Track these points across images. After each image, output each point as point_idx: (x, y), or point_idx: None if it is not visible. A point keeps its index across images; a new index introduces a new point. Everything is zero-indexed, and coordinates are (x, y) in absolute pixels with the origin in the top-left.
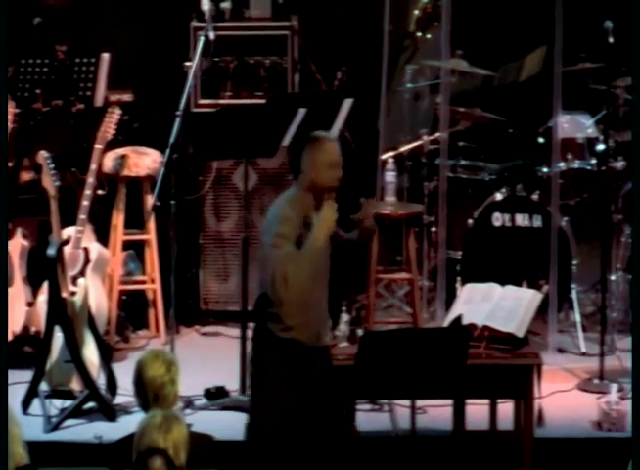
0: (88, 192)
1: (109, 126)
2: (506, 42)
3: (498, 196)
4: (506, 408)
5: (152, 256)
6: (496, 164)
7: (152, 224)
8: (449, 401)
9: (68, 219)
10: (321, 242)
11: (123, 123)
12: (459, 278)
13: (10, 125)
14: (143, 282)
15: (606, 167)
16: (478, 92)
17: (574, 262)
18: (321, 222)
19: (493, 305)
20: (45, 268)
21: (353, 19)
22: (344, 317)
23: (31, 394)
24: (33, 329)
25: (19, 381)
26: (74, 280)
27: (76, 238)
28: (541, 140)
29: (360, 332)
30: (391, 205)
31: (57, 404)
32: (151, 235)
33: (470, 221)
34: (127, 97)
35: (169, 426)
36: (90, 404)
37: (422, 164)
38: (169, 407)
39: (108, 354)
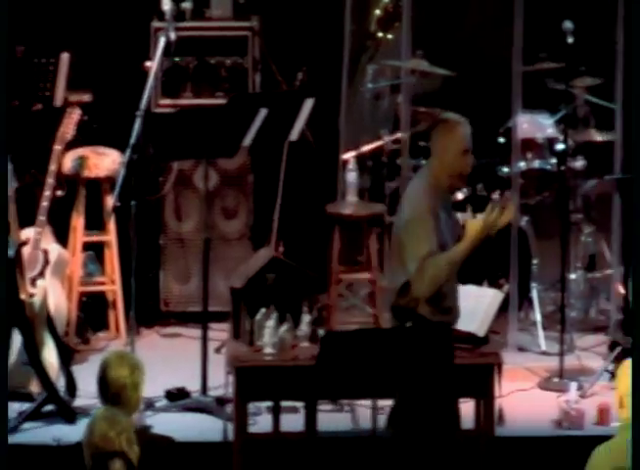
0: (47, 193)
1: (68, 127)
2: (466, 42)
3: (459, 195)
4: (467, 407)
5: (112, 257)
6: None
7: (112, 225)
8: None
9: (27, 220)
10: (464, 255)
11: (83, 124)
12: None
13: None
14: (103, 283)
15: (565, 167)
16: (438, 92)
17: (534, 261)
18: (470, 240)
19: None
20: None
21: (314, 19)
22: (306, 318)
23: None
24: None
25: None
26: (33, 281)
27: (35, 239)
28: (501, 140)
29: (321, 332)
30: (353, 205)
31: (15, 407)
32: (111, 236)
33: None
34: (87, 97)
35: (114, 418)
36: (49, 407)
37: (383, 163)
38: (131, 413)
39: (67, 356)
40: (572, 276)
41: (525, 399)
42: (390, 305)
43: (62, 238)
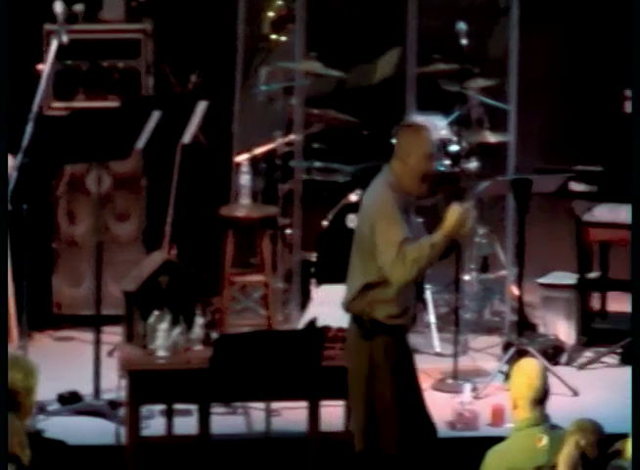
0: None
1: None
2: (360, 44)
3: (353, 197)
4: None
5: None
6: (350, 165)
7: None
8: (304, 403)
9: None
10: (445, 241)
11: None
12: (314, 280)
13: None
14: None
15: (459, 168)
16: (331, 94)
17: None
18: (447, 229)
19: None
20: None
21: (207, 22)
22: (199, 320)
23: None
24: None
25: None
26: None
27: None
28: (395, 141)
29: (215, 335)
30: (246, 207)
31: None
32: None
33: (324, 223)
34: None
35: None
36: None
37: (276, 166)
38: (24, 417)
39: None
40: (466, 278)
41: None
42: (346, 308)
43: None
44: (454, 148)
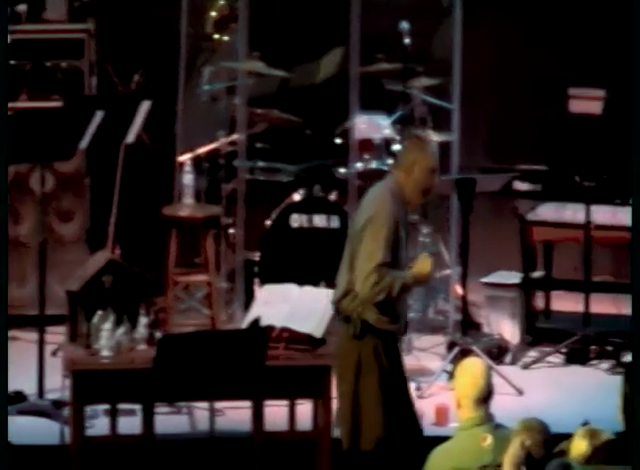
0: None
1: None
2: (303, 44)
3: (296, 197)
4: (305, 409)
5: None
6: (294, 165)
7: None
8: (248, 403)
9: None
10: (410, 287)
11: None
12: (257, 279)
13: None
14: None
15: None
16: (274, 93)
17: None
18: (417, 276)
19: (291, 307)
20: None
21: (150, 21)
22: (143, 320)
23: None
24: None
25: None
26: None
27: None
28: (338, 141)
29: (158, 335)
30: (189, 207)
31: None
32: None
33: (268, 223)
34: None
35: None
36: None
37: (219, 165)
38: None
39: None
40: None
41: None
42: (335, 308)
43: None
44: (397, 147)
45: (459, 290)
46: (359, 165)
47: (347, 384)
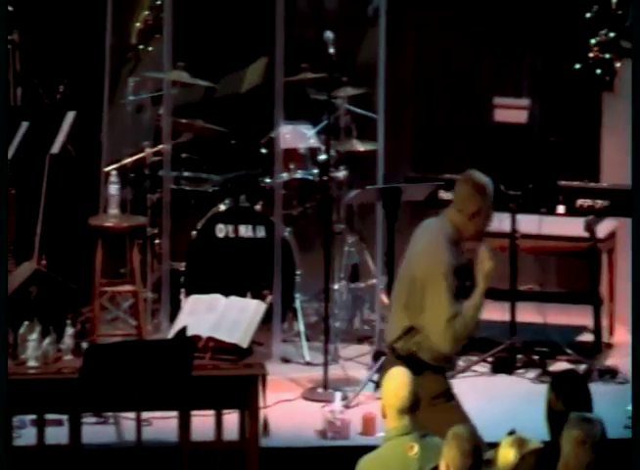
0: None
1: None
2: (228, 53)
3: (221, 207)
4: (232, 419)
5: None
6: (219, 175)
7: None
8: (175, 413)
9: None
10: (483, 294)
11: None
12: (183, 290)
13: None
14: None
15: (328, 177)
16: (199, 103)
17: (298, 272)
18: (485, 277)
19: (218, 316)
20: None
21: (75, 32)
22: (69, 330)
23: None
24: None
25: None
26: None
27: None
28: (264, 151)
29: (85, 345)
30: (115, 217)
31: None
32: None
33: (193, 233)
34: None
35: None
36: None
37: (145, 175)
38: None
39: None
40: (336, 286)
41: (289, 410)
42: (390, 343)
43: None
44: (323, 157)
45: (385, 299)
46: (284, 175)
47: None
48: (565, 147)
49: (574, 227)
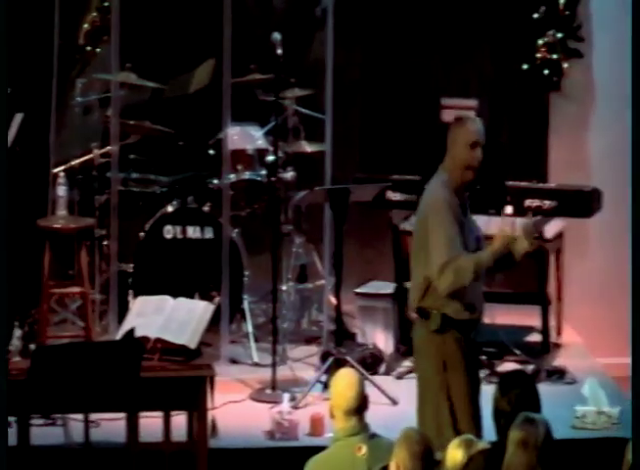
0: None
1: None
2: (175, 55)
3: (169, 208)
4: (180, 420)
5: None
6: (167, 176)
7: None
8: (123, 414)
9: None
10: (489, 262)
11: None
12: (131, 291)
13: None
14: None
15: (276, 178)
16: (147, 105)
17: (246, 273)
18: (501, 242)
19: (165, 318)
20: None
21: (22, 33)
22: (17, 332)
23: None
24: None
25: None
26: None
27: None
28: (211, 152)
29: (33, 347)
30: (63, 218)
31: None
32: None
33: (141, 234)
34: None
35: None
36: None
37: (93, 177)
38: None
39: None
40: (284, 287)
41: (237, 411)
42: (416, 306)
43: None
44: (270, 158)
45: (333, 300)
46: (232, 176)
47: (435, 382)
48: (513, 147)
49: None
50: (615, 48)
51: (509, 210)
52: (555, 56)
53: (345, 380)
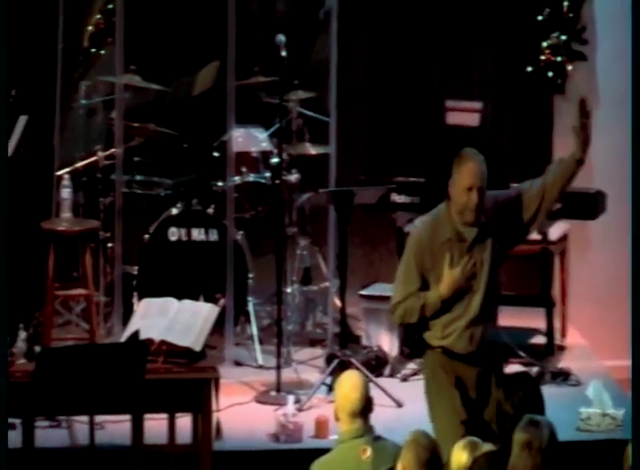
0: None
1: None
2: (180, 57)
3: (174, 210)
4: (184, 422)
5: None
6: (171, 178)
7: None
8: (128, 416)
9: None
10: (436, 307)
11: None
12: (136, 293)
13: None
14: None
15: (280, 180)
16: (151, 107)
17: (250, 275)
18: (447, 285)
19: (170, 320)
20: None
21: (27, 35)
22: (22, 334)
23: None
24: None
25: None
26: None
27: None
28: (216, 154)
29: (37, 349)
30: (67, 221)
31: None
32: None
33: (146, 236)
34: None
35: None
36: None
37: (97, 179)
38: None
39: None
40: (288, 290)
41: (242, 414)
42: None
43: None
44: (275, 160)
45: (337, 302)
46: (237, 179)
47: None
48: (516, 150)
49: None
50: (618, 50)
51: None
52: (559, 58)
53: (350, 382)
